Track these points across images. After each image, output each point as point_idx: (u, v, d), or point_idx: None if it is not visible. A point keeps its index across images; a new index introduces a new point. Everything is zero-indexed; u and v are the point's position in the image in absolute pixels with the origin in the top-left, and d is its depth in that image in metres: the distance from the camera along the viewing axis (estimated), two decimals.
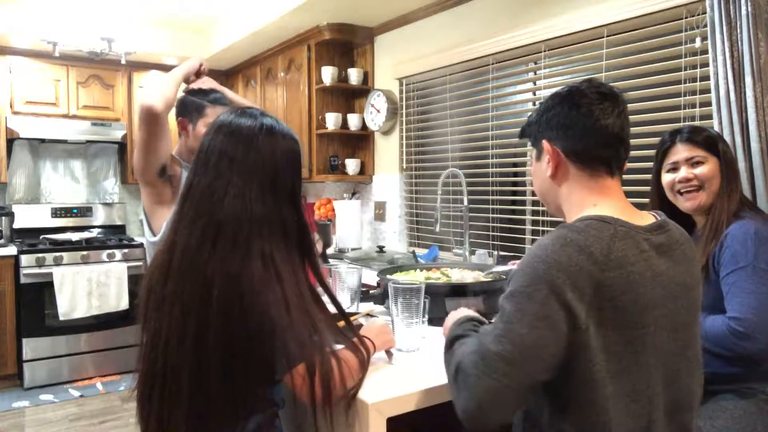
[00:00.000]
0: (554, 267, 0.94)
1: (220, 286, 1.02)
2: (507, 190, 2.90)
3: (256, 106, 1.73)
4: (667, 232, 1.07)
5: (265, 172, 1.09)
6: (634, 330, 0.97)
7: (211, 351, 1.02)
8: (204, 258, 1.04)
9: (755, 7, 1.68)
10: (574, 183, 1.10)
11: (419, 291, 1.36)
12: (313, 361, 1.03)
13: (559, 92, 1.11)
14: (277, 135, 1.13)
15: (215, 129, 1.14)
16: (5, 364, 3.81)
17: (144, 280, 1.14)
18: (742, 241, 1.42)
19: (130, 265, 4.09)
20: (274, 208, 1.09)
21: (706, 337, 1.43)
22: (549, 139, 1.11)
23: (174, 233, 1.10)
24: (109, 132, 4.34)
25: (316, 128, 3.70)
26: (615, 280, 0.95)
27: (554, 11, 2.49)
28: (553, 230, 1.02)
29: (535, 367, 0.93)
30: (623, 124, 1.08)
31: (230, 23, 4.04)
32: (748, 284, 1.39)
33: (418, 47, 3.27)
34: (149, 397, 1.08)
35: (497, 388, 0.93)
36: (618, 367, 0.96)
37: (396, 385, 1.17)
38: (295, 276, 1.08)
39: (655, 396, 1.00)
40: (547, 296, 0.93)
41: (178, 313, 1.04)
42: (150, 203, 1.76)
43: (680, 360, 1.04)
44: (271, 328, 1.01)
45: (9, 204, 4.28)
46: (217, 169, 1.09)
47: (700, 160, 1.56)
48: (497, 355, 0.93)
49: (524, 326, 0.93)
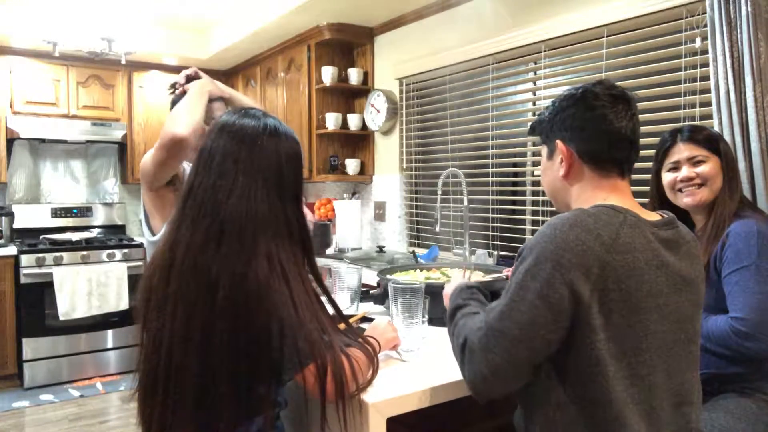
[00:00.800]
0: (561, 246, 0.97)
1: (225, 285, 1.02)
2: (507, 190, 2.90)
3: (258, 105, 1.73)
4: (675, 229, 1.09)
5: (270, 172, 1.10)
6: (637, 315, 0.99)
7: (218, 351, 1.02)
8: (208, 257, 1.04)
9: (755, 7, 1.68)
10: (586, 183, 1.12)
11: (419, 291, 1.36)
12: (325, 359, 1.04)
13: (573, 93, 1.13)
14: (281, 136, 1.14)
15: (218, 129, 1.13)
16: (5, 364, 3.81)
17: (143, 281, 1.14)
18: (744, 240, 1.42)
19: (130, 265, 4.09)
20: (280, 208, 1.10)
21: (708, 337, 1.43)
22: (563, 140, 1.13)
23: (176, 232, 1.09)
24: (109, 132, 4.35)
25: (316, 128, 3.70)
26: (621, 263, 0.97)
27: (554, 11, 2.49)
28: (565, 212, 1.04)
29: (535, 343, 0.97)
30: (635, 127, 1.11)
31: (230, 23, 4.04)
32: (751, 284, 1.39)
33: (418, 47, 3.27)
34: (151, 397, 1.07)
35: (499, 363, 0.99)
36: (619, 350, 0.98)
37: (396, 385, 1.17)
38: (301, 276, 1.09)
39: (656, 384, 1.01)
40: (550, 274, 0.96)
41: (181, 313, 1.04)
42: (152, 205, 1.75)
43: (682, 353, 1.05)
44: (280, 328, 1.01)
45: (9, 204, 4.28)
46: (221, 168, 1.09)
47: (701, 159, 1.56)
48: (499, 332, 0.99)
49: (525, 304, 0.97)
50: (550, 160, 1.18)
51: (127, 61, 4.04)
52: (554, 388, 1.02)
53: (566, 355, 0.99)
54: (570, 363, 0.99)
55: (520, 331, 0.97)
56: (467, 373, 1.05)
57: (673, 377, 1.03)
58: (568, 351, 0.99)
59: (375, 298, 1.84)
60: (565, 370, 1.00)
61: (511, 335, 0.98)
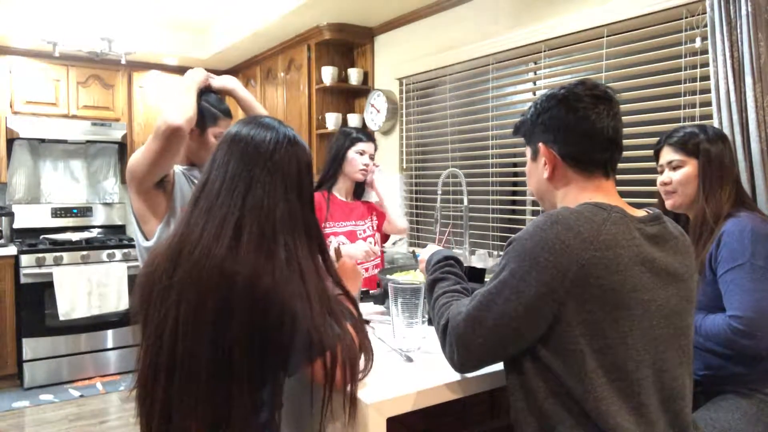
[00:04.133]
0: (539, 245, 1.00)
1: (245, 277, 1.02)
2: (507, 190, 2.90)
3: (267, 113, 1.72)
4: (661, 225, 1.10)
5: (290, 177, 1.12)
6: (621, 311, 0.99)
7: (235, 342, 1.02)
8: (223, 249, 1.04)
9: (755, 7, 1.68)
10: (570, 184, 1.13)
11: (419, 291, 1.36)
12: (335, 350, 1.06)
13: (555, 94, 1.13)
14: (298, 145, 1.17)
15: (232, 138, 1.14)
16: (5, 364, 3.81)
17: (142, 277, 1.13)
18: (738, 239, 1.43)
19: (130, 265, 4.09)
20: (299, 209, 1.12)
21: (707, 335, 1.43)
22: (545, 142, 1.14)
23: (186, 225, 1.10)
24: (109, 132, 4.35)
25: (316, 128, 3.70)
26: (602, 260, 0.98)
27: (554, 11, 2.49)
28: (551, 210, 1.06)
29: (507, 333, 1.04)
30: (617, 127, 1.11)
31: (230, 23, 4.04)
32: (747, 282, 1.39)
33: (418, 47, 3.27)
34: (153, 387, 1.07)
35: (475, 346, 1.07)
36: (602, 344, 0.99)
37: (396, 385, 1.17)
38: (318, 273, 1.11)
39: (644, 380, 1.01)
40: (527, 272, 1.00)
41: (190, 301, 1.03)
42: (142, 209, 1.70)
43: (671, 348, 1.06)
44: (293, 320, 1.02)
45: (9, 204, 4.28)
46: (238, 168, 1.10)
47: (678, 165, 1.58)
48: (476, 320, 1.06)
49: (501, 298, 1.03)
50: (534, 162, 1.19)
51: (127, 61, 4.04)
52: (541, 381, 1.04)
53: (548, 350, 1.01)
54: (552, 357, 1.01)
55: (494, 321, 1.04)
56: (447, 353, 1.14)
57: (662, 372, 1.04)
58: (549, 345, 1.01)
59: (375, 298, 1.84)
60: (549, 364, 1.02)
61: (486, 325, 1.05)
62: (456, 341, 1.10)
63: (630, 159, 2.15)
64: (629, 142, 2.17)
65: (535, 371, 1.05)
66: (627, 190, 2.20)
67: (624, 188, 2.19)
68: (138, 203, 1.71)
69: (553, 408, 1.02)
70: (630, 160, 2.15)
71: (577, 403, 1.00)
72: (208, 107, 1.79)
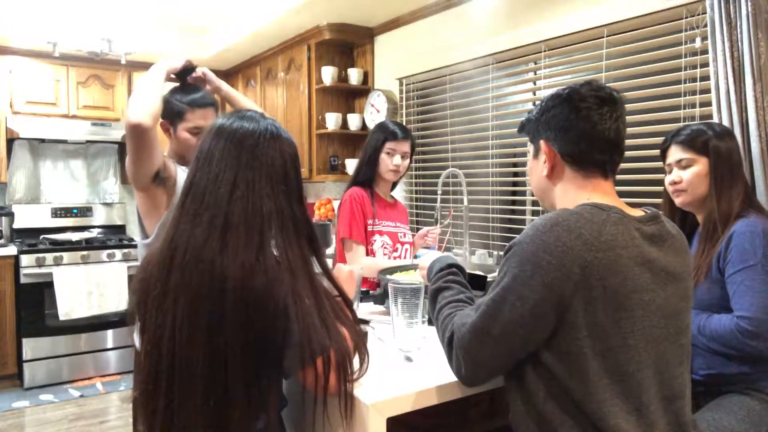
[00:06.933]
0: (541, 248, 0.99)
1: (235, 278, 1.02)
2: (507, 190, 2.90)
3: (257, 107, 1.71)
4: (659, 224, 1.10)
5: (275, 172, 1.11)
6: (622, 312, 0.99)
7: (229, 345, 1.02)
8: (212, 250, 1.04)
9: (755, 7, 1.68)
10: (568, 183, 1.14)
11: (419, 291, 1.36)
12: (329, 351, 1.05)
13: (560, 93, 1.13)
14: (281, 138, 1.15)
15: (215, 132, 1.14)
16: (5, 364, 3.81)
17: (137, 282, 1.13)
18: (750, 240, 1.42)
19: (130, 265, 4.09)
20: (286, 204, 1.11)
21: (713, 336, 1.43)
22: (547, 140, 1.15)
23: (175, 229, 1.09)
24: (109, 132, 4.35)
25: (316, 128, 3.70)
26: (603, 261, 0.98)
27: (554, 11, 2.49)
28: (550, 212, 1.06)
29: (514, 341, 1.02)
30: (619, 129, 1.11)
31: (230, 23, 4.04)
32: (757, 283, 1.39)
33: (418, 47, 3.27)
34: (154, 394, 1.06)
35: (481, 358, 1.06)
36: (604, 346, 0.99)
37: (396, 385, 1.17)
38: (308, 270, 1.10)
39: (645, 380, 1.01)
40: (530, 276, 0.99)
41: (184, 307, 1.03)
42: (145, 207, 1.71)
43: (671, 347, 1.06)
44: (286, 322, 1.02)
45: (9, 204, 4.28)
46: (221, 166, 1.09)
47: (687, 163, 1.57)
48: (481, 330, 1.05)
49: (506, 305, 1.02)
50: (535, 160, 1.19)
51: (127, 61, 4.04)
52: (540, 384, 1.03)
53: (551, 352, 1.01)
54: (554, 360, 1.01)
55: (500, 330, 1.02)
56: (454, 366, 1.12)
57: (662, 372, 1.04)
58: (552, 348, 1.01)
59: (375, 298, 1.84)
60: (550, 366, 1.01)
61: (493, 334, 1.03)
62: (463, 354, 1.08)
63: (631, 159, 2.15)
64: (629, 142, 2.17)
65: (534, 374, 1.04)
66: (627, 190, 2.20)
67: (624, 188, 2.19)
68: (140, 199, 1.72)
69: (553, 410, 1.02)
70: (631, 160, 2.15)
71: (577, 405, 1.00)
72: (172, 103, 1.75)
